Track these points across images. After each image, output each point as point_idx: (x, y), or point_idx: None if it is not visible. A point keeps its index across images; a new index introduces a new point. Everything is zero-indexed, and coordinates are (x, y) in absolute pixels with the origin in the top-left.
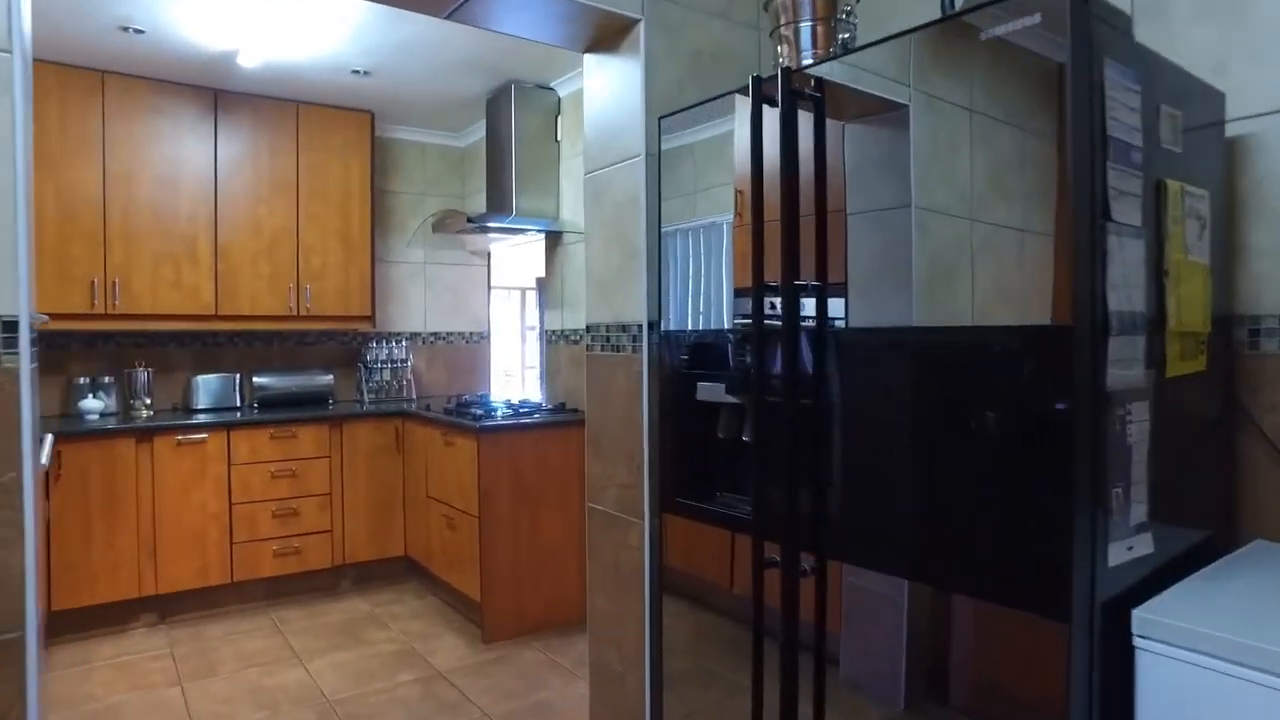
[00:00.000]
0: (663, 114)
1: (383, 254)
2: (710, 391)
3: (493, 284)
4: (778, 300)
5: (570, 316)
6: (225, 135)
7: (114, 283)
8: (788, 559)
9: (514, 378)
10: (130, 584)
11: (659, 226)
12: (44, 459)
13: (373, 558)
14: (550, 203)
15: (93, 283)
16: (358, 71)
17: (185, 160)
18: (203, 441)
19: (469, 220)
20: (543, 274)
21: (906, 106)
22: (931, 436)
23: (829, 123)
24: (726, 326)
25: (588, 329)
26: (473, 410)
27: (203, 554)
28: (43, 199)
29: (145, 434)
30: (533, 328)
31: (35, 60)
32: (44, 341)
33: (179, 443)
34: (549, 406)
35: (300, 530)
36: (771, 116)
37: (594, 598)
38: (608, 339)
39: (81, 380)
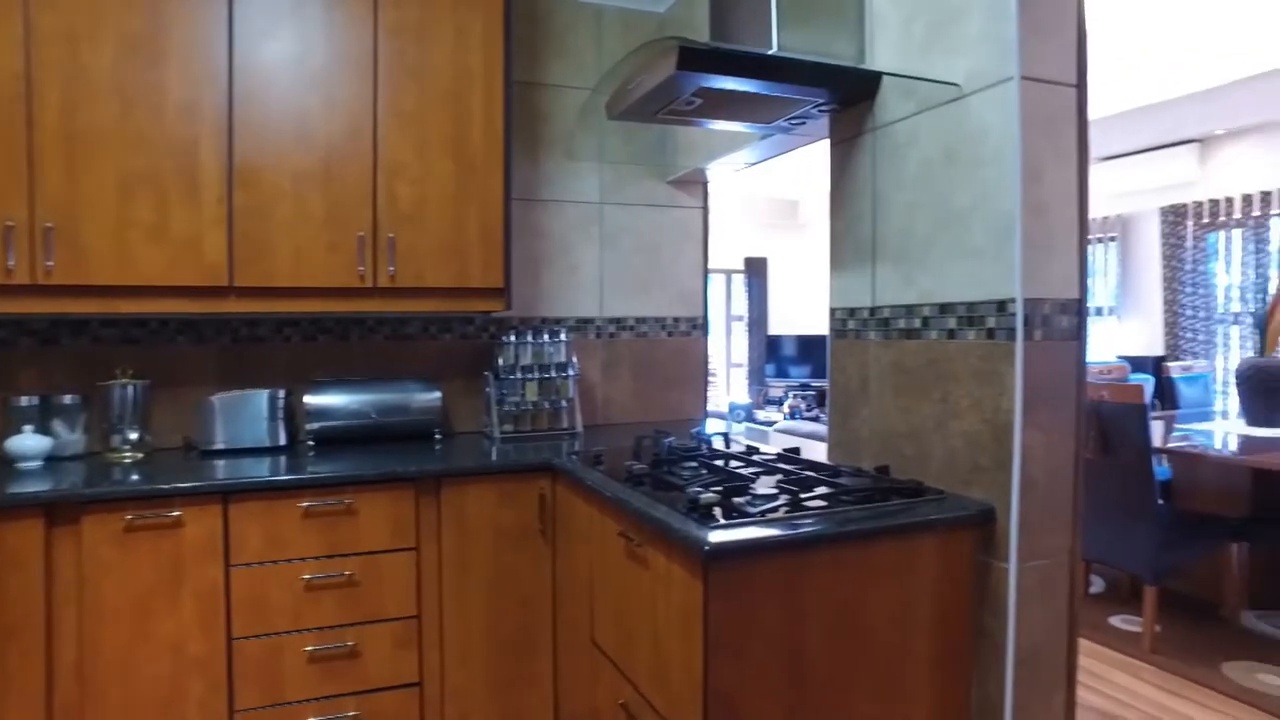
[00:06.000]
0: None
1: (528, 188)
2: None
3: (710, 241)
4: None
5: (891, 281)
6: None
7: (45, 230)
8: None
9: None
10: None
11: None
12: None
13: None
14: (845, 39)
15: (7, 229)
16: None
17: (177, 15)
18: (174, 523)
19: (681, 62)
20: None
21: None
22: None
23: None
24: None
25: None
26: (684, 478)
27: None
28: None
29: (65, 509)
30: (740, 317)
31: None
32: None
33: (127, 526)
34: (849, 471)
35: (363, 685)
36: None
37: None
38: None
39: (23, 401)
